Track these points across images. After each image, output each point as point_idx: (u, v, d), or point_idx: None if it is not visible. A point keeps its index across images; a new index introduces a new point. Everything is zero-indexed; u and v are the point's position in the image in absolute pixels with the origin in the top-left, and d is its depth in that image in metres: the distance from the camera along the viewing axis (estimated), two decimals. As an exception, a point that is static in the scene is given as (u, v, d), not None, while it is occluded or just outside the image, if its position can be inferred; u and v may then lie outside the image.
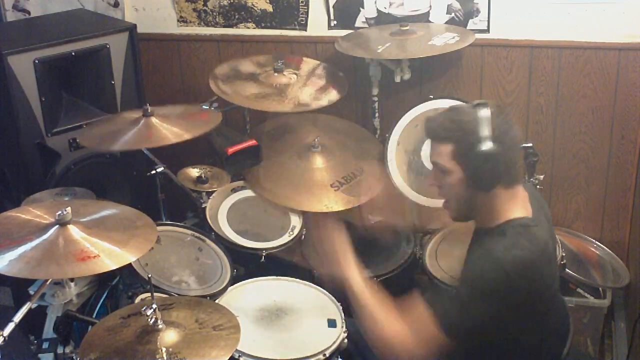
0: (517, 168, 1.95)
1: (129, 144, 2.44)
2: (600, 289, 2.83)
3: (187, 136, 2.44)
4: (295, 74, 2.96)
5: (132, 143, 2.45)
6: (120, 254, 1.84)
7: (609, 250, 3.05)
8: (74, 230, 1.86)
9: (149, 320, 1.80)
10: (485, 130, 1.85)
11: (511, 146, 1.91)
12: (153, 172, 2.62)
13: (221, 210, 2.73)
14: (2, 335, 1.79)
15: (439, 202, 2.09)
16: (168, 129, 2.48)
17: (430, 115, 2.03)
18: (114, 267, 1.81)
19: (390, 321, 1.87)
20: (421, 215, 2.83)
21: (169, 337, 1.82)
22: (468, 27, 3.00)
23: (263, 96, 2.81)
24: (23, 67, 2.72)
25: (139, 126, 2.49)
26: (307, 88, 2.90)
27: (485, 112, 1.88)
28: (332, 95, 2.88)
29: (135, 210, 2.08)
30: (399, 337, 1.85)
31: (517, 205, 1.94)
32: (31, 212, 1.97)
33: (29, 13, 3.42)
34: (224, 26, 3.31)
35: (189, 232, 2.58)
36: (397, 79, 2.95)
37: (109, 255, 1.82)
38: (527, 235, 1.87)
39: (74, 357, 2.12)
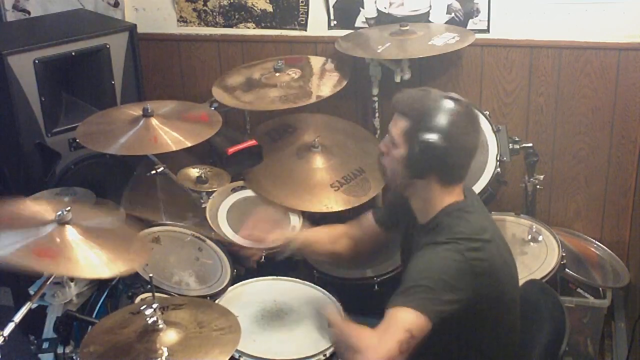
0: (459, 171, 1.94)
1: (129, 149, 2.43)
2: (600, 289, 2.83)
3: (188, 143, 2.45)
4: (296, 71, 2.96)
5: (132, 148, 2.44)
6: (114, 263, 1.83)
7: (609, 250, 3.05)
8: (70, 232, 1.85)
9: (148, 319, 1.80)
10: (440, 123, 1.86)
11: (458, 149, 1.90)
12: (153, 172, 2.62)
13: (221, 210, 2.73)
14: (2, 335, 1.79)
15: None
16: (169, 133, 2.46)
17: (404, 90, 2.04)
18: (109, 275, 1.81)
19: (360, 334, 1.83)
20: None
21: (169, 337, 1.82)
22: (468, 27, 3.00)
23: (287, 97, 2.82)
24: (23, 67, 2.72)
25: (138, 128, 2.48)
26: (324, 82, 2.93)
27: (449, 107, 1.90)
28: (341, 84, 2.90)
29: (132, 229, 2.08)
30: (365, 341, 1.79)
31: (450, 195, 1.95)
32: (34, 207, 1.95)
33: (29, 13, 3.42)
34: (224, 26, 3.31)
35: (189, 232, 2.58)
36: (397, 79, 2.94)
37: (104, 262, 1.81)
38: (463, 218, 1.89)
39: (74, 357, 2.12)
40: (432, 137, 1.86)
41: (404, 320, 1.77)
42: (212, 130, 2.55)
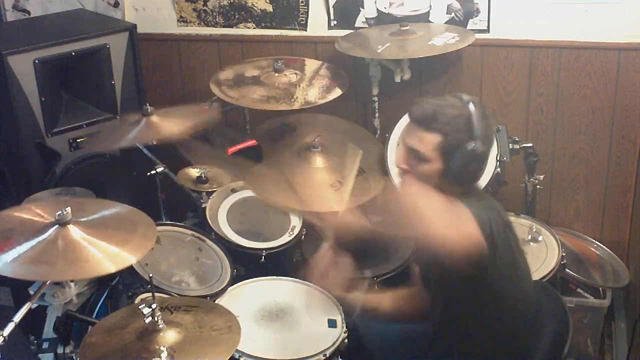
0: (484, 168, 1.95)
1: (131, 141, 2.44)
2: (600, 289, 2.83)
3: (188, 124, 2.44)
4: (296, 73, 2.96)
5: (134, 139, 2.45)
6: (120, 255, 1.83)
7: (609, 250, 3.05)
8: (73, 231, 1.85)
9: (146, 319, 1.80)
10: (474, 130, 1.85)
11: (490, 147, 1.92)
12: (153, 172, 2.62)
13: (221, 210, 2.73)
14: (2, 335, 1.79)
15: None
16: (169, 121, 2.48)
17: (418, 99, 1.99)
18: (114, 270, 1.80)
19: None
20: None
21: (169, 337, 1.82)
22: (468, 27, 3.00)
23: (270, 98, 2.81)
24: (23, 67, 2.72)
25: (139, 127, 2.48)
26: (312, 88, 2.90)
27: (473, 110, 1.88)
28: (336, 92, 2.88)
29: (135, 210, 2.07)
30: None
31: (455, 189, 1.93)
32: (32, 211, 1.96)
33: (29, 13, 3.42)
34: (224, 26, 3.31)
35: (189, 232, 2.58)
36: (397, 79, 2.95)
37: (109, 257, 1.81)
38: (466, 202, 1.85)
39: (74, 357, 2.12)
40: (474, 146, 1.85)
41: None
42: (211, 115, 2.56)
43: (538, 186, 2.86)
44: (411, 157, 1.93)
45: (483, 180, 2.68)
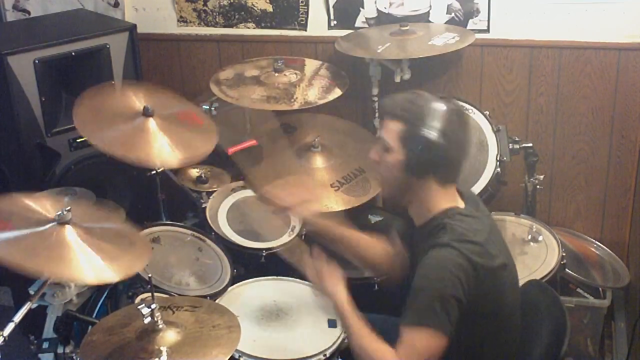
0: (456, 168, 1.94)
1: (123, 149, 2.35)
2: (600, 289, 2.83)
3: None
4: (296, 73, 2.96)
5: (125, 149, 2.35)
6: (104, 270, 1.80)
7: (609, 250, 3.05)
8: (69, 232, 1.83)
9: (145, 319, 1.80)
10: (436, 122, 1.86)
11: (455, 145, 1.90)
12: (153, 172, 2.62)
13: (221, 210, 2.73)
14: (2, 335, 1.79)
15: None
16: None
17: (391, 94, 2.02)
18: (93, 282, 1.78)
19: (382, 354, 1.81)
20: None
21: (169, 337, 1.82)
22: (468, 27, 3.00)
23: (270, 98, 2.82)
24: (23, 67, 2.72)
25: (134, 128, 2.38)
26: (312, 88, 2.90)
27: (442, 106, 1.90)
28: (336, 93, 2.88)
29: (135, 230, 2.05)
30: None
31: (447, 198, 1.94)
32: (39, 203, 1.94)
33: (29, 13, 3.42)
34: (224, 26, 3.31)
35: (189, 232, 2.58)
36: (397, 79, 2.94)
37: (92, 267, 1.78)
38: (465, 222, 1.88)
39: (74, 357, 2.12)
40: (432, 134, 1.85)
41: (425, 345, 1.78)
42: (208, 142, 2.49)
43: (538, 186, 2.86)
44: (379, 147, 1.96)
45: (482, 181, 2.71)
